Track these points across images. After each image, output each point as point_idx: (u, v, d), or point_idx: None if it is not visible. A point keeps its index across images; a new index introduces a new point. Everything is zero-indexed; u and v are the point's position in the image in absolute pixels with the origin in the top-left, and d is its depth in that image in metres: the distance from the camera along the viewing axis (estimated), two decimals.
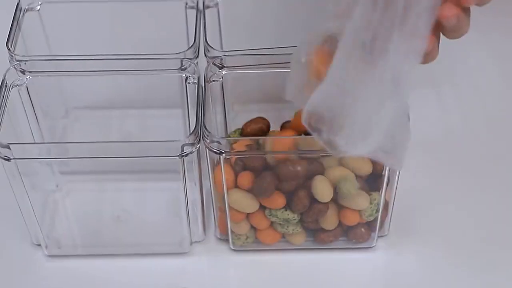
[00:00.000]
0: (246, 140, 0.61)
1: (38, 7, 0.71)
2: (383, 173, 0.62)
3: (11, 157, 0.59)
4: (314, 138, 0.53)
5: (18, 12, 0.69)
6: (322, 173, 0.61)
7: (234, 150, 0.60)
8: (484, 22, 0.67)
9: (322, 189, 0.62)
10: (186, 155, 0.59)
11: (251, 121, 0.67)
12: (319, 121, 0.52)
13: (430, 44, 0.50)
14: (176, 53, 0.64)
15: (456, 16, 0.50)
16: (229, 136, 0.68)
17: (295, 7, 0.72)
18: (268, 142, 0.61)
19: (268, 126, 0.66)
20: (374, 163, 0.62)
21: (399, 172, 0.62)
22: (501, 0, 0.84)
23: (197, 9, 0.69)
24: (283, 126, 0.67)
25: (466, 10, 0.51)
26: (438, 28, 0.51)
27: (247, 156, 0.60)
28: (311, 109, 0.52)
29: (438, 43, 0.52)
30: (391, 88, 0.50)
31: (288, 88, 0.57)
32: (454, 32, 0.51)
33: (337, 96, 0.51)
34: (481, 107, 0.79)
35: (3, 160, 0.59)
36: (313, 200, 0.62)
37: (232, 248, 0.67)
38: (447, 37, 0.52)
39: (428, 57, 0.52)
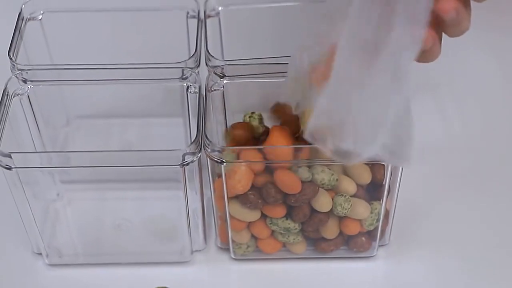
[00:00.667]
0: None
1: (40, 16, 0.71)
2: (384, 182, 0.62)
3: (13, 166, 0.59)
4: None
5: (20, 21, 0.69)
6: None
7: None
8: (483, 24, 0.67)
9: (321, 200, 0.62)
10: (187, 164, 0.59)
11: (233, 127, 0.65)
12: (323, 131, 0.52)
13: (431, 39, 0.50)
14: (177, 62, 0.65)
15: (455, 9, 0.49)
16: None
17: (296, 16, 0.72)
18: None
19: (250, 129, 0.65)
20: (373, 172, 0.62)
21: (400, 181, 0.63)
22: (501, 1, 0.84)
23: (198, 19, 0.70)
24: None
25: (466, 4, 0.51)
26: (439, 25, 0.51)
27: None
28: (315, 123, 0.52)
29: (440, 41, 0.52)
30: (393, 81, 0.50)
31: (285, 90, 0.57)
32: (454, 27, 0.51)
33: (341, 103, 0.51)
34: (481, 113, 0.79)
35: (4, 169, 0.59)
36: (314, 209, 0.62)
37: (233, 257, 0.67)
38: (449, 35, 0.52)
39: (429, 54, 0.51)
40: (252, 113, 0.66)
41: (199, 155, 0.60)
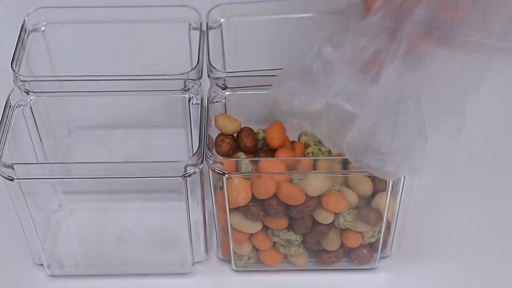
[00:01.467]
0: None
1: (43, 28, 0.71)
2: (386, 194, 0.62)
3: (15, 177, 0.59)
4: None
5: (22, 33, 0.70)
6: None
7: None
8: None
9: (323, 212, 0.62)
10: (189, 175, 0.59)
11: (221, 140, 0.64)
12: (363, 150, 0.52)
13: None
14: (180, 74, 0.65)
15: None
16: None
17: (297, 28, 0.73)
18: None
19: (234, 140, 0.65)
20: (375, 183, 0.62)
21: (402, 193, 0.63)
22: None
23: (201, 30, 0.70)
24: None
25: None
26: None
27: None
28: (352, 141, 0.52)
29: None
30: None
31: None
32: None
33: (380, 122, 0.51)
34: (481, 123, 0.79)
35: (6, 180, 0.59)
36: (316, 221, 0.62)
37: (234, 268, 0.67)
38: None
39: None
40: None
41: (201, 166, 0.60)
